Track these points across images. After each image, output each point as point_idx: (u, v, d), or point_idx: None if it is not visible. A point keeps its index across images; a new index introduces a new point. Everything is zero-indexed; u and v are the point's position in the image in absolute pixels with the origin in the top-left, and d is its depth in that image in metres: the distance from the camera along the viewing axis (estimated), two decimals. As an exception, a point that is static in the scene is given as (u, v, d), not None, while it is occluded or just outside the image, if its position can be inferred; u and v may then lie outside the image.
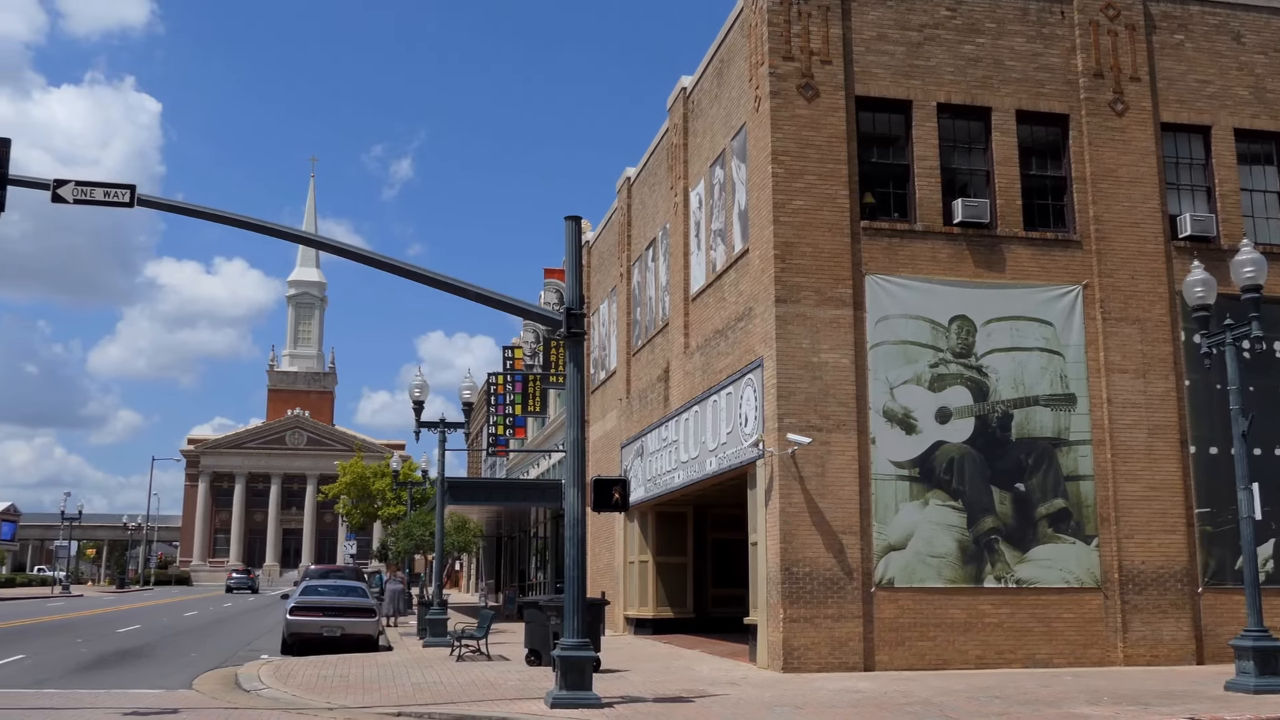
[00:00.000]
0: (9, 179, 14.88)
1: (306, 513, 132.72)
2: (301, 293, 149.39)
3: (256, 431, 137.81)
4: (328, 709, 15.26)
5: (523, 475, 54.13)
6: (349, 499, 78.55)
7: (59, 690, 17.72)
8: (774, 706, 14.82)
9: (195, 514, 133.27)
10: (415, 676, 19.37)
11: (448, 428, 29.17)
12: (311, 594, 27.47)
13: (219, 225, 17.35)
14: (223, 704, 16.18)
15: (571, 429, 15.88)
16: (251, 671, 20.11)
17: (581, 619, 15.19)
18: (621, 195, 32.58)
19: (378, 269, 17.28)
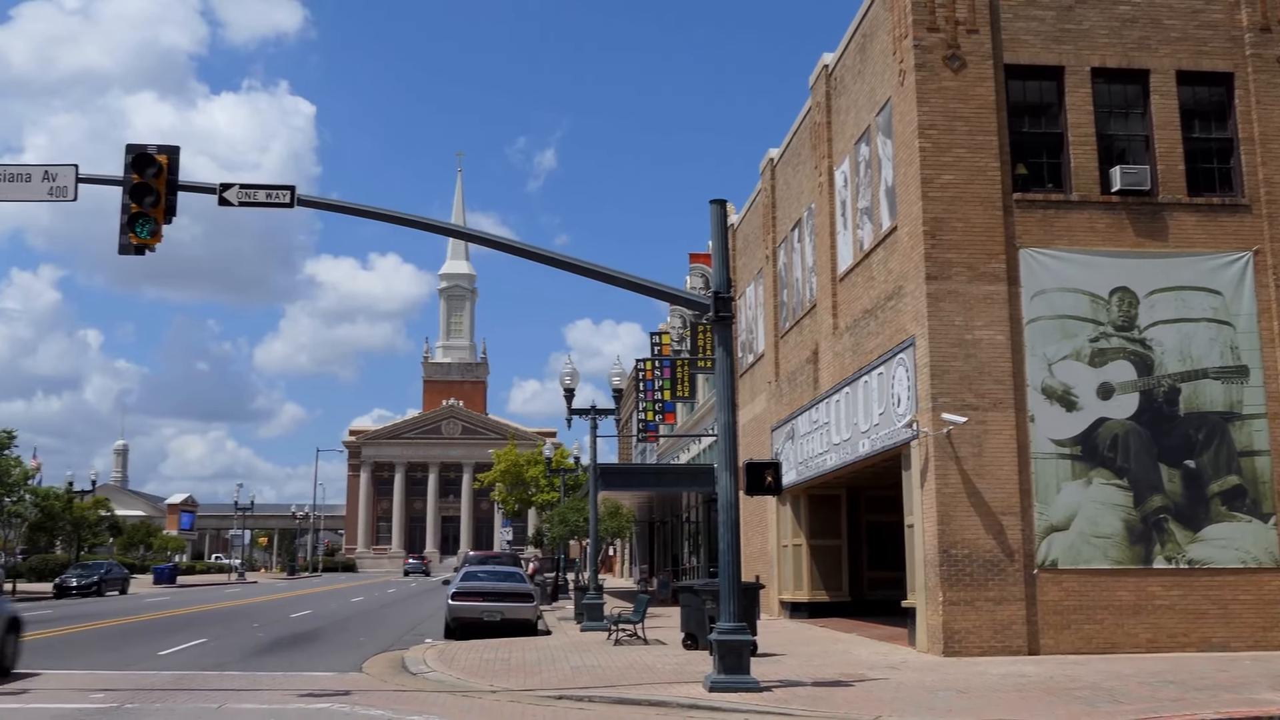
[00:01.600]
0: (179, 185, 15.56)
1: (463, 500, 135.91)
2: (453, 285, 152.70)
3: (413, 422, 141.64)
4: (491, 692, 15.61)
5: (673, 460, 54.36)
6: (504, 486, 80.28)
7: (239, 672, 18.54)
8: (936, 691, 14.58)
9: (358, 503, 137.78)
10: (574, 660, 19.66)
11: (599, 414, 29.48)
12: (472, 580, 28.10)
13: (373, 222, 17.85)
14: (391, 686, 16.69)
15: (722, 413, 15.86)
16: (417, 655, 20.70)
17: (737, 603, 15.19)
18: (765, 176, 32.36)
19: (526, 259, 17.53)
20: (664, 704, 14.10)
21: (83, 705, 14.19)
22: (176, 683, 16.89)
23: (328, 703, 14.56)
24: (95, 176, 15.88)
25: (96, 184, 15.85)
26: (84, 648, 23.02)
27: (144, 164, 15.20)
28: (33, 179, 15.50)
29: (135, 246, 15.11)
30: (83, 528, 68.53)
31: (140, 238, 15.06)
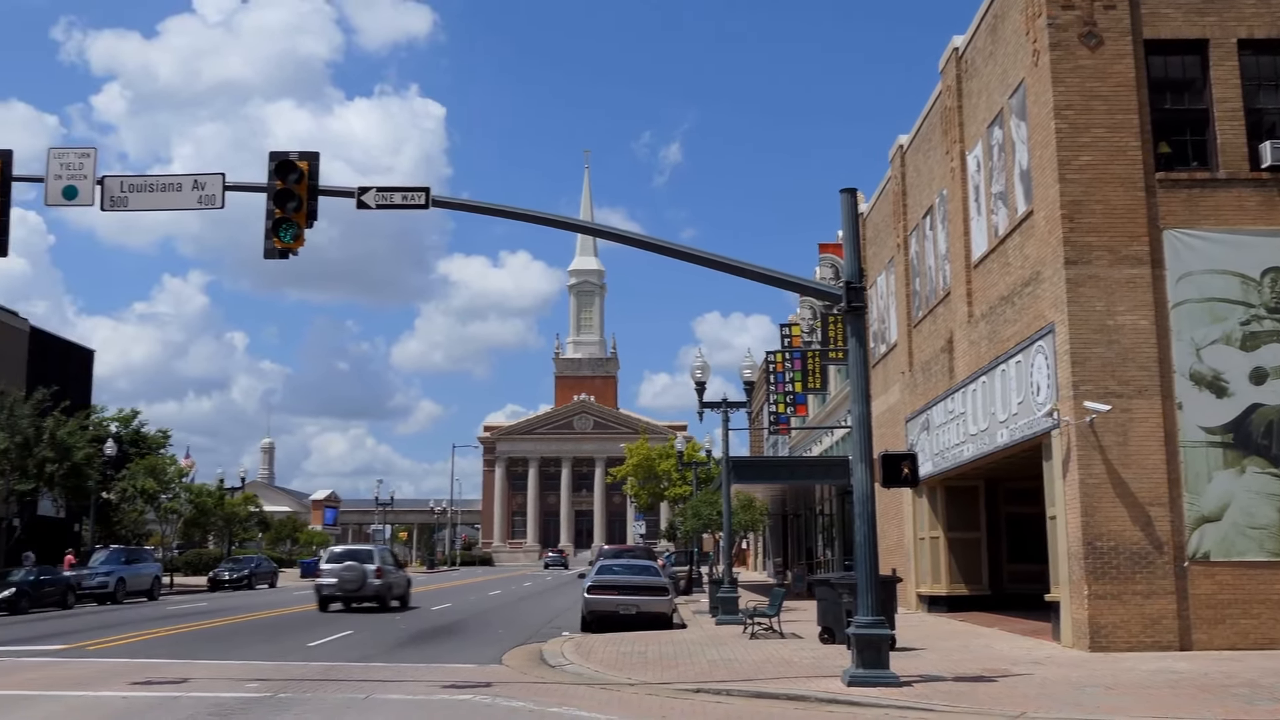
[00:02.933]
0: (320, 190, 16.02)
1: (596, 494, 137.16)
2: (582, 281, 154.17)
3: (546, 417, 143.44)
4: (629, 684, 15.72)
5: (805, 453, 53.96)
6: (636, 480, 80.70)
7: (384, 664, 19.03)
8: (1083, 687, 14.20)
9: (493, 498, 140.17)
10: (710, 654, 19.68)
11: (730, 407, 29.43)
12: (607, 573, 28.33)
13: (504, 220, 18.11)
14: (531, 678, 16.95)
15: (856, 404, 15.69)
16: (555, 648, 20.96)
17: (875, 596, 15.02)
18: (895, 164, 31.87)
19: (655, 253, 17.59)
20: (802, 698, 14.02)
21: (239, 694, 14.75)
22: (325, 673, 17.43)
23: (470, 694, 14.85)
24: (241, 184, 16.46)
25: (242, 191, 16.43)
26: (238, 639, 23.91)
27: (286, 170, 15.69)
28: (183, 188, 16.14)
29: (280, 251, 15.61)
30: (233, 523, 71.17)
31: (284, 242, 15.55)
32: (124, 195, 16.12)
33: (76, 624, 28.88)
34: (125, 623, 29.01)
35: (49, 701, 14.15)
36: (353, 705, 13.92)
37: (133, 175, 16.44)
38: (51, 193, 15.98)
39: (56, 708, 13.59)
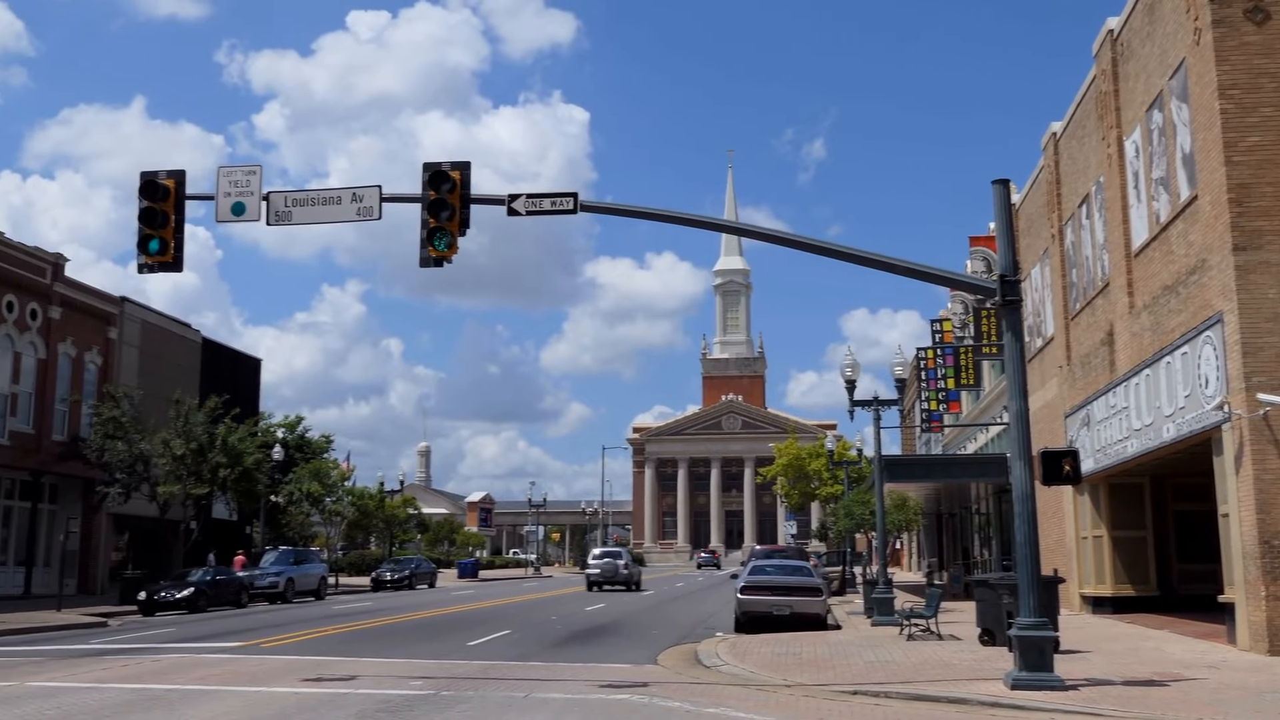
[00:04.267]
0: (471, 198, 16.39)
1: (746, 494, 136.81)
2: (727, 281, 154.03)
3: (694, 418, 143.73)
4: (785, 686, 15.65)
5: (959, 450, 52.81)
6: (786, 480, 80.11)
7: (541, 663, 19.35)
8: (1262, 693, 13.58)
9: (643, 498, 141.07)
10: (867, 655, 19.45)
11: (881, 405, 28.99)
12: (759, 574, 28.24)
13: (649, 221, 18.22)
14: (687, 679, 17.01)
15: (1014, 400, 15.31)
16: (710, 648, 20.99)
17: (1036, 597, 14.63)
18: (1048, 152, 30.97)
19: (800, 251, 17.49)
20: (964, 701, 13.74)
21: (404, 691, 15.18)
22: (485, 672, 17.81)
23: (627, 694, 14.99)
24: (397, 195, 16.93)
25: (398, 202, 16.90)
26: (401, 638, 24.59)
27: (439, 181, 16.10)
28: (343, 201, 16.70)
29: (435, 259, 16.02)
30: (393, 525, 73.26)
31: (439, 250, 15.95)
32: (287, 210, 16.76)
33: (250, 622, 30.11)
34: (295, 621, 30.13)
35: (229, 696, 14.80)
36: (513, 703, 14.19)
37: (295, 190, 17.10)
38: (221, 209, 16.72)
39: (235, 702, 14.21)
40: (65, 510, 44.99)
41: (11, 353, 42.08)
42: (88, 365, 46.73)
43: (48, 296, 43.88)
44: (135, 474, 43.32)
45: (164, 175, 16.66)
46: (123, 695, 14.88)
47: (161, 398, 45.34)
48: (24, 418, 42.70)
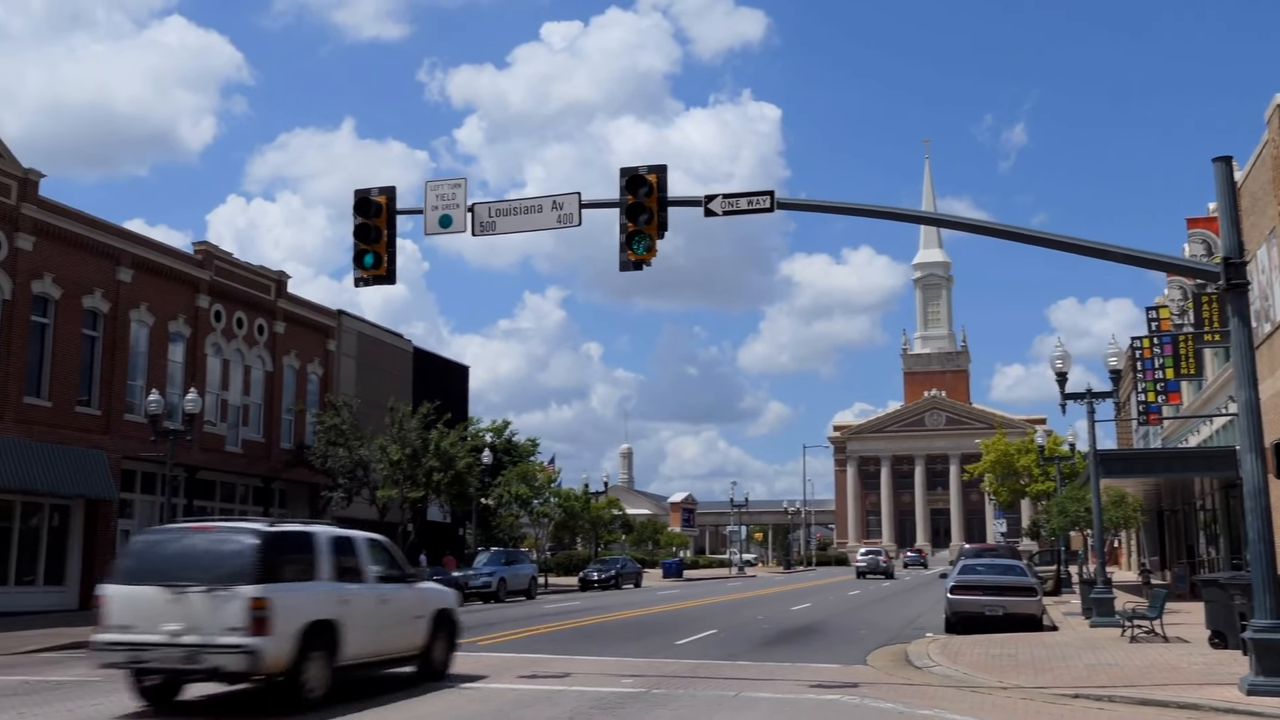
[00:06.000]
0: (668, 201, 16.56)
1: (952, 492, 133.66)
2: (927, 274, 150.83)
3: (896, 415, 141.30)
4: (1001, 688, 15.24)
5: (1180, 443, 50.25)
6: (994, 477, 77.89)
7: (749, 663, 19.38)
8: None
9: (846, 497, 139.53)
10: (1087, 658, 18.75)
11: (1095, 398, 27.86)
12: (970, 573, 27.57)
13: (844, 217, 18.02)
14: (897, 679, 16.75)
15: (1241, 390, 14.50)
16: (920, 649, 20.61)
17: (1273, 597, 13.80)
18: (1272, 125, 29.15)
19: (1004, 240, 17.00)
20: (1194, 706, 13.10)
21: (616, 689, 15.45)
22: (693, 671, 17.95)
23: (837, 694, 14.87)
24: (596, 201, 17.26)
25: (597, 208, 17.22)
26: (610, 637, 25.02)
27: (636, 185, 16.32)
28: (544, 209, 17.13)
29: (634, 263, 16.25)
30: (599, 526, 74.54)
31: (637, 254, 16.18)
32: (491, 220, 17.30)
33: (466, 621, 31.05)
34: (508, 620, 31.03)
35: (450, 692, 15.36)
36: (723, 702, 14.26)
37: (497, 201, 17.63)
38: (430, 223, 17.38)
39: (457, 698, 14.74)
40: (294, 514, 47.55)
41: (242, 366, 44.77)
42: (310, 376, 49.29)
43: (273, 312, 46.48)
44: (356, 479, 45.44)
45: (376, 192, 17.41)
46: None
47: (377, 405, 47.42)
48: (255, 427, 45.40)
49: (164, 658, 13.10)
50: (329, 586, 14.36)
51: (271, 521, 15.36)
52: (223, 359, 43.56)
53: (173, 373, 40.54)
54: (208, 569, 13.22)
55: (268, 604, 12.98)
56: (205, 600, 12.98)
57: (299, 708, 13.39)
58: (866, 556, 74.00)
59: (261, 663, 12.89)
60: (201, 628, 12.93)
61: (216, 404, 42.69)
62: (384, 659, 15.62)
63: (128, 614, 13.33)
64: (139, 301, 38.88)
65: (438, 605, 17.03)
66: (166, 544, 13.98)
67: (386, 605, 15.56)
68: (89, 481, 35.44)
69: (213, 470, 42.55)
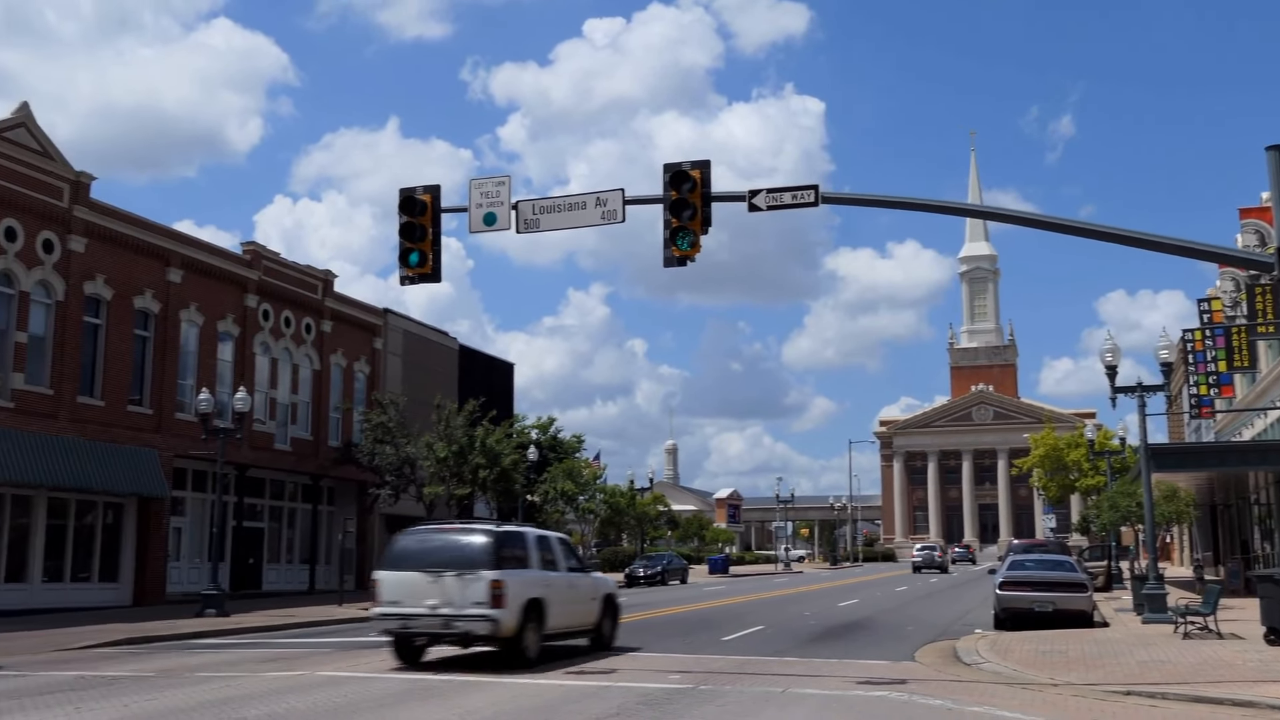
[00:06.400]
0: (712, 196, 16.51)
1: (1000, 487, 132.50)
2: (974, 268, 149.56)
3: (943, 410, 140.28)
4: (1051, 685, 15.09)
5: (1234, 437, 49.52)
6: (1043, 471, 77.20)
7: (796, 659, 19.33)
8: None
9: (893, 493, 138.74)
10: (1139, 654, 18.54)
11: (1146, 391, 27.50)
12: (1019, 569, 27.33)
13: (889, 210, 17.93)
14: (946, 676, 16.63)
15: (1297, 383, 14.24)
16: (969, 645, 20.46)
17: (1331, 593, 13.58)
18: (1327, 113, 28.63)
19: (1052, 232, 16.81)
20: (1250, 704, 12.92)
21: (663, 685, 15.45)
22: (741, 667, 17.93)
23: (885, 690, 14.79)
24: (639, 197, 17.24)
25: (641, 204, 17.20)
26: (657, 633, 25.04)
27: (680, 180, 16.29)
28: (587, 206, 17.14)
29: (678, 259, 16.21)
30: (644, 522, 74.61)
31: (682, 250, 16.14)
32: (535, 217, 17.33)
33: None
34: (554, 616, 31.06)
35: (497, 688, 15.43)
36: (771, 699, 14.23)
37: (541, 198, 17.65)
38: (474, 220, 17.44)
39: (503, 694, 14.80)
40: (342, 511, 48.01)
41: (290, 365, 45.23)
42: (357, 374, 49.70)
43: (320, 311, 46.90)
44: (403, 476, 45.76)
45: (421, 191, 17.49)
46: (400, 685, 15.76)
47: (423, 403, 47.72)
48: (303, 425, 45.86)
49: (426, 625, 17.53)
50: (537, 573, 18.74)
51: (497, 524, 20.21)
52: (271, 358, 44.02)
53: (222, 372, 41.03)
54: (457, 559, 17.65)
55: (503, 584, 17.33)
56: (456, 582, 17.34)
57: (522, 664, 17.54)
58: (922, 552, 77.07)
59: (499, 629, 17.27)
60: (454, 602, 17.31)
61: (265, 402, 43.15)
62: (571, 631, 19.87)
63: (397, 592, 17.75)
64: (189, 301, 39.38)
65: (606, 591, 21.43)
66: (423, 540, 18.54)
67: (574, 589, 19.91)
68: (142, 480, 35.95)
69: (262, 468, 43.00)
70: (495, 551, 17.79)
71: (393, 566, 18.26)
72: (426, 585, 17.46)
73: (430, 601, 17.40)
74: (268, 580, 43.83)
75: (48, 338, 33.78)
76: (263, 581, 43.43)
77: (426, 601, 17.41)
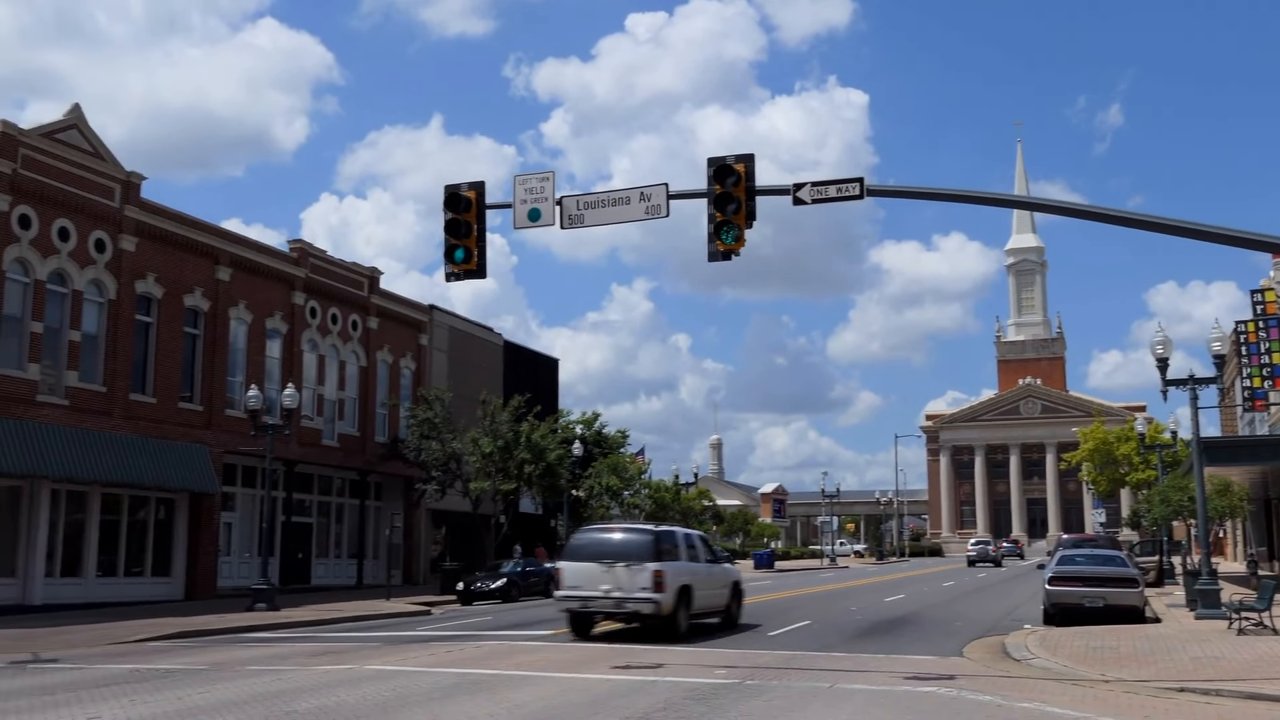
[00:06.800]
0: (756, 190, 16.45)
1: (1048, 482, 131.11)
2: (1020, 260, 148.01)
3: (990, 403, 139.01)
4: (1103, 681, 14.93)
5: (1289, 430, 48.77)
6: (1092, 466, 76.38)
7: (843, 654, 19.25)
8: None
9: (939, 487, 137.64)
10: (1192, 650, 18.29)
11: (1198, 384, 27.10)
12: (1069, 564, 27.05)
13: (934, 203, 17.79)
14: (996, 672, 16.50)
15: (1354, 374, 13.99)
16: (1018, 640, 20.29)
17: (1391, 589, 13.36)
18: (1384, 100, 28.08)
19: (1100, 223, 16.67)
20: (1308, 700, 12.70)
21: (709, 680, 15.44)
22: (787, 662, 17.87)
23: (933, 686, 14.69)
24: (683, 192, 17.21)
25: (685, 199, 17.18)
26: (703, 628, 24.96)
27: (724, 174, 16.24)
28: (631, 201, 17.13)
29: (723, 253, 16.16)
30: (689, 517, 74.46)
31: (726, 244, 16.09)
32: (580, 213, 17.35)
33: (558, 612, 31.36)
34: (600, 611, 31.13)
35: (545, 682, 15.51)
36: (818, 694, 14.18)
37: (585, 193, 17.66)
38: (519, 216, 17.48)
39: (552, 688, 14.86)
40: (389, 506, 48.39)
41: (337, 361, 45.63)
42: (403, 371, 50.05)
43: (366, 308, 47.27)
44: (449, 471, 46.01)
45: (465, 187, 17.55)
46: (450, 679, 15.86)
47: (469, 399, 47.98)
48: (350, 421, 46.26)
49: (600, 605, 21.96)
50: (686, 564, 22.76)
51: (655, 525, 25.45)
52: (318, 354, 44.42)
53: (270, 368, 41.47)
54: (625, 552, 21.83)
55: (664, 573, 21.50)
56: (626, 571, 21.54)
57: (675, 638, 21.53)
58: (976, 546, 79.55)
59: (660, 609, 21.46)
60: (624, 588, 21.51)
61: (313, 399, 43.56)
62: (708, 612, 24.01)
63: (576, 579, 22.05)
64: (237, 299, 39.82)
65: (733, 578, 25.83)
66: (597, 537, 23.18)
67: (711, 576, 24.12)
68: (193, 475, 36.43)
69: (310, 464, 43.45)
70: (656, 546, 21.92)
71: (572, 558, 22.55)
72: (601, 573, 21.70)
73: (604, 587, 21.66)
74: (316, 575, 44.29)
75: (100, 336, 34.30)
76: (311, 576, 43.90)
77: (601, 587, 21.69)
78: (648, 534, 22.49)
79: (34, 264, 32.02)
